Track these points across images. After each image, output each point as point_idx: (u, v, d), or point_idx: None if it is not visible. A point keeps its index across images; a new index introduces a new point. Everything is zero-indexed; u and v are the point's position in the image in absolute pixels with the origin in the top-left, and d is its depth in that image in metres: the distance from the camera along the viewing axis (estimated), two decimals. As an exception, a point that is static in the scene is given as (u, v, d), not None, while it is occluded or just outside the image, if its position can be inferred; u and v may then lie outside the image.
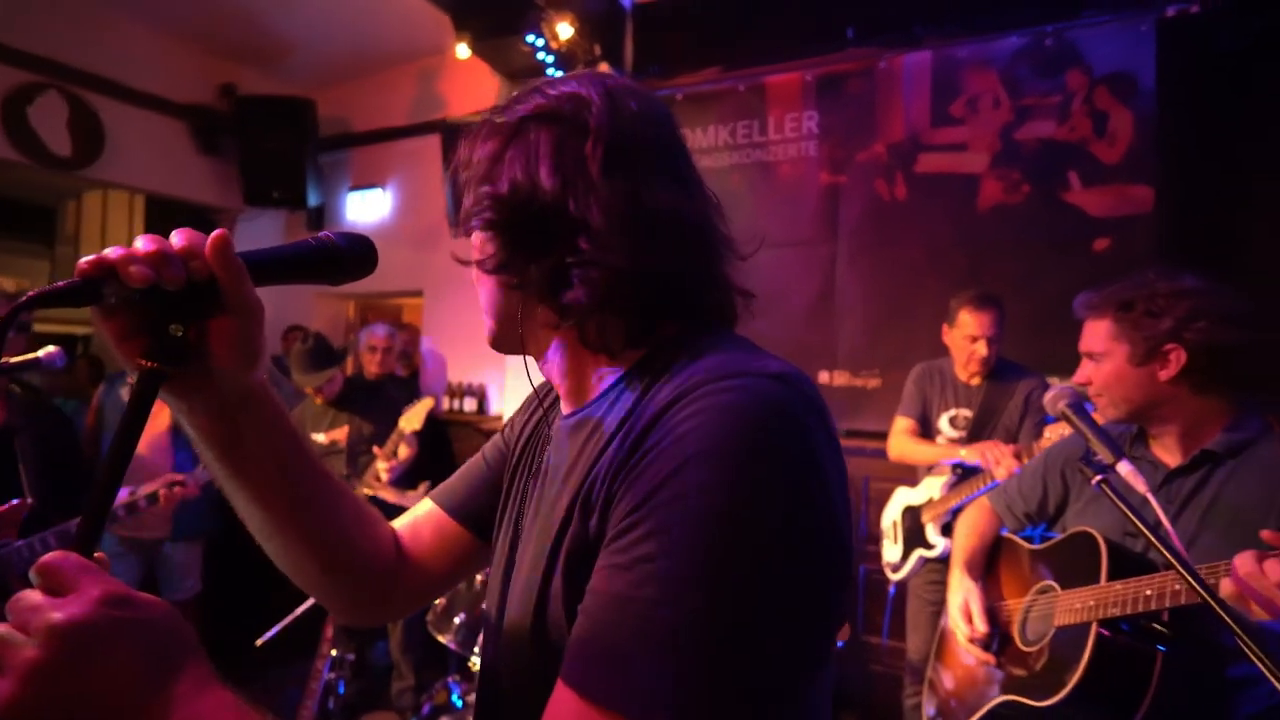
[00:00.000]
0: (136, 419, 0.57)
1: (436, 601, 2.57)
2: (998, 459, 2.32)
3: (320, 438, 3.27)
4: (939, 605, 2.70)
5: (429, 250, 4.65)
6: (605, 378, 0.68)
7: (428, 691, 3.14)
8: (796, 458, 0.52)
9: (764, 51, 3.83)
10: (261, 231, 5.17)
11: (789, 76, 3.85)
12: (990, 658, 1.42)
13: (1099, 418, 1.30)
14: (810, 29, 3.74)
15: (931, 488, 2.74)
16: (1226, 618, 0.79)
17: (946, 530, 2.65)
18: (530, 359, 0.75)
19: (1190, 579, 0.87)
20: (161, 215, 5.45)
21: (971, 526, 1.65)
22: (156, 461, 3.01)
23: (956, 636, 1.50)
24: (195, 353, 0.62)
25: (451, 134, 4.16)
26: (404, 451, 3.07)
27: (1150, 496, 1.02)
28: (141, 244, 0.56)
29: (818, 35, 3.72)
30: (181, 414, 0.68)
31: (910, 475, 2.92)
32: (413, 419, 3.08)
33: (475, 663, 2.37)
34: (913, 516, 2.79)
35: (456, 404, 4.66)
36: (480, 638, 2.35)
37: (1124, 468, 1.06)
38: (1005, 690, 1.34)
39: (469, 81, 4.53)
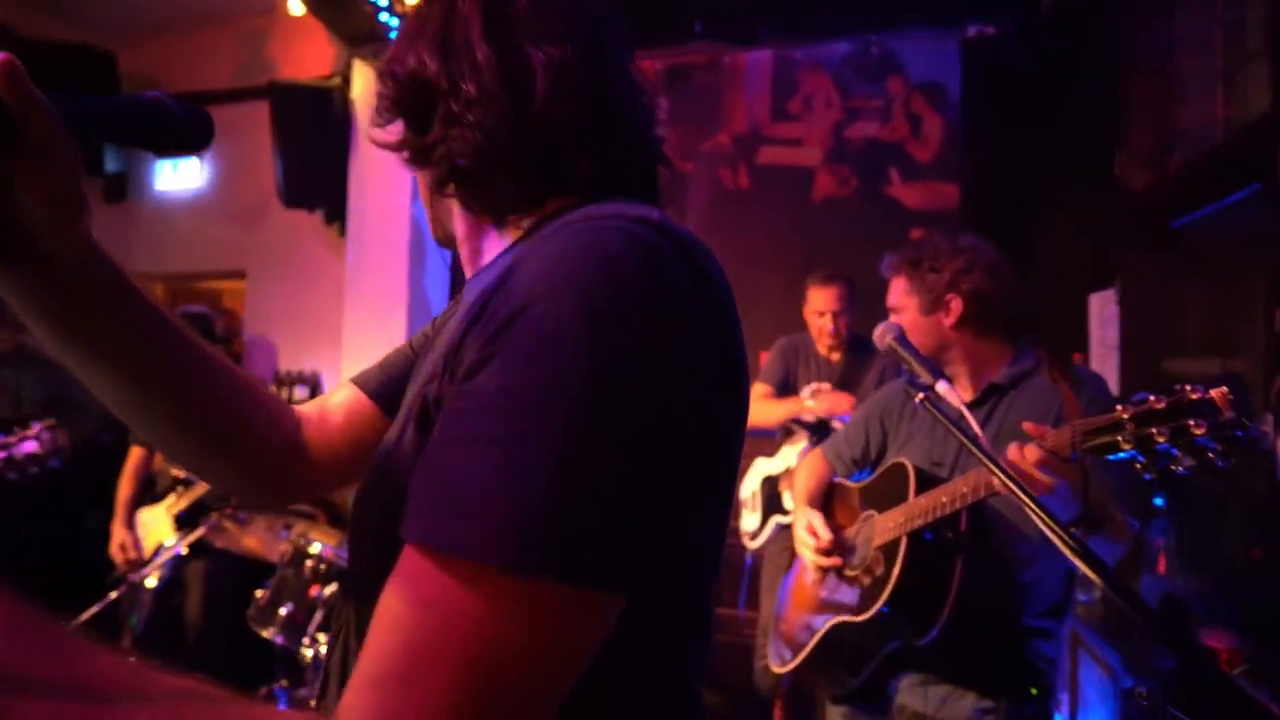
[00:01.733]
0: None
1: (258, 593, 2.34)
2: (836, 406, 2.48)
3: None
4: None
5: (254, 227, 4.26)
6: (493, 247, 0.66)
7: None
8: (654, 303, 0.47)
9: (615, 38, 3.88)
10: (46, 199, 4.50)
11: (640, 64, 3.92)
12: (838, 560, 1.51)
13: None
14: (660, 20, 3.83)
15: (788, 456, 2.85)
16: (1021, 495, 0.89)
17: None
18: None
19: (997, 471, 0.96)
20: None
21: (808, 472, 1.75)
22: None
23: (803, 557, 1.57)
24: None
25: (282, 100, 3.84)
26: None
27: (964, 409, 1.13)
28: None
29: (667, 26, 3.82)
30: (6, 293, 0.59)
31: (768, 446, 3.05)
32: None
33: (308, 653, 2.18)
34: (771, 485, 2.89)
35: (286, 394, 4.30)
36: (314, 619, 2.16)
37: (941, 386, 1.17)
38: (835, 615, 1.43)
39: (302, 44, 4.21)
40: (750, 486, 2.99)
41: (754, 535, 2.93)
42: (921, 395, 1.18)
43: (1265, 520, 1.63)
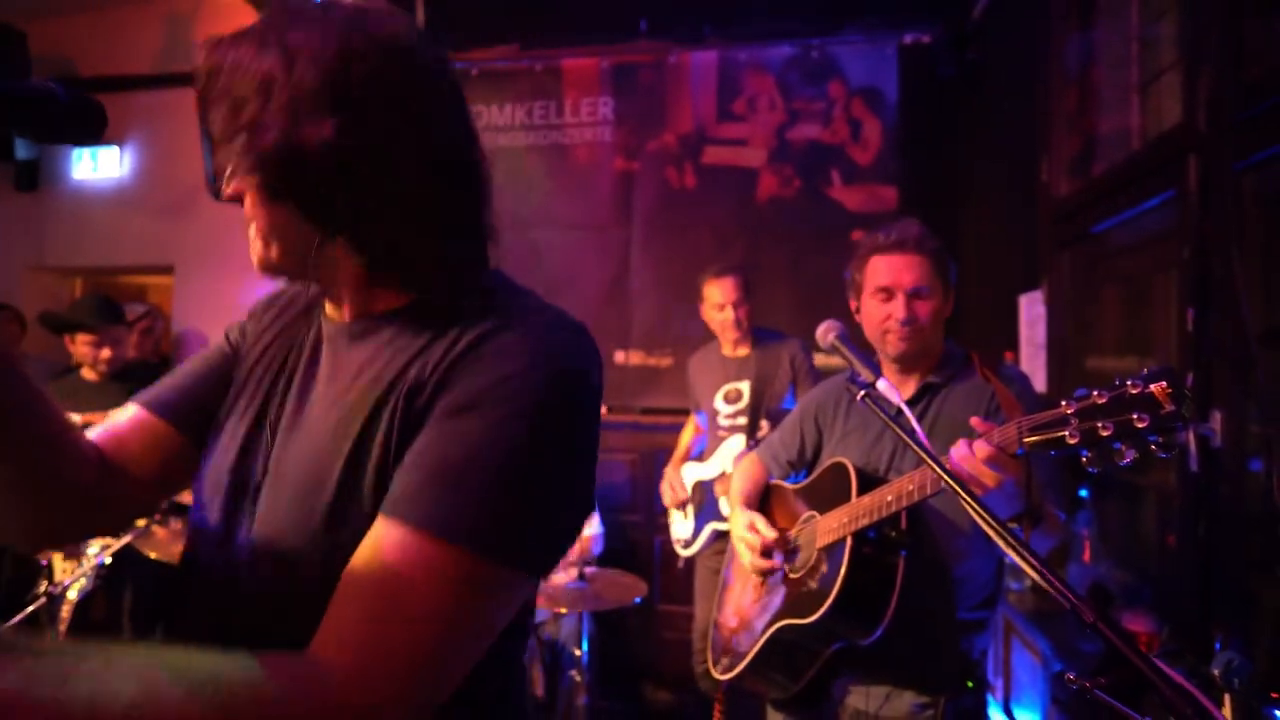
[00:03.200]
0: None
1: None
2: None
3: (78, 418, 2.69)
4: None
5: (181, 219, 4.08)
6: (391, 301, 0.76)
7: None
8: (591, 386, 0.70)
9: (561, 33, 3.85)
10: (-52, 187, 4.21)
11: (586, 61, 3.91)
12: (777, 563, 1.51)
13: (890, 353, 1.49)
14: (606, 16, 3.82)
15: (724, 460, 2.84)
16: (960, 491, 0.92)
17: None
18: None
19: (937, 468, 0.99)
20: None
21: (745, 475, 1.76)
22: None
23: (743, 560, 1.58)
24: None
25: (210, 86, 3.67)
26: None
27: (904, 406, 1.16)
28: None
29: (613, 23, 3.82)
30: None
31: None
32: None
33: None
34: (703, 490, 2.89)
35: (217, 394, 4.12)
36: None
37: (882, 384, 1.19)
38: (778, 618, 1.44)
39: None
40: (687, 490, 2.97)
41: (687, 543, 2.91)
42: (863, 393, 1.20)
43: (1179, 511, 1.73)
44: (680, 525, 2.96)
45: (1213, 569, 1.59)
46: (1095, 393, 0.96)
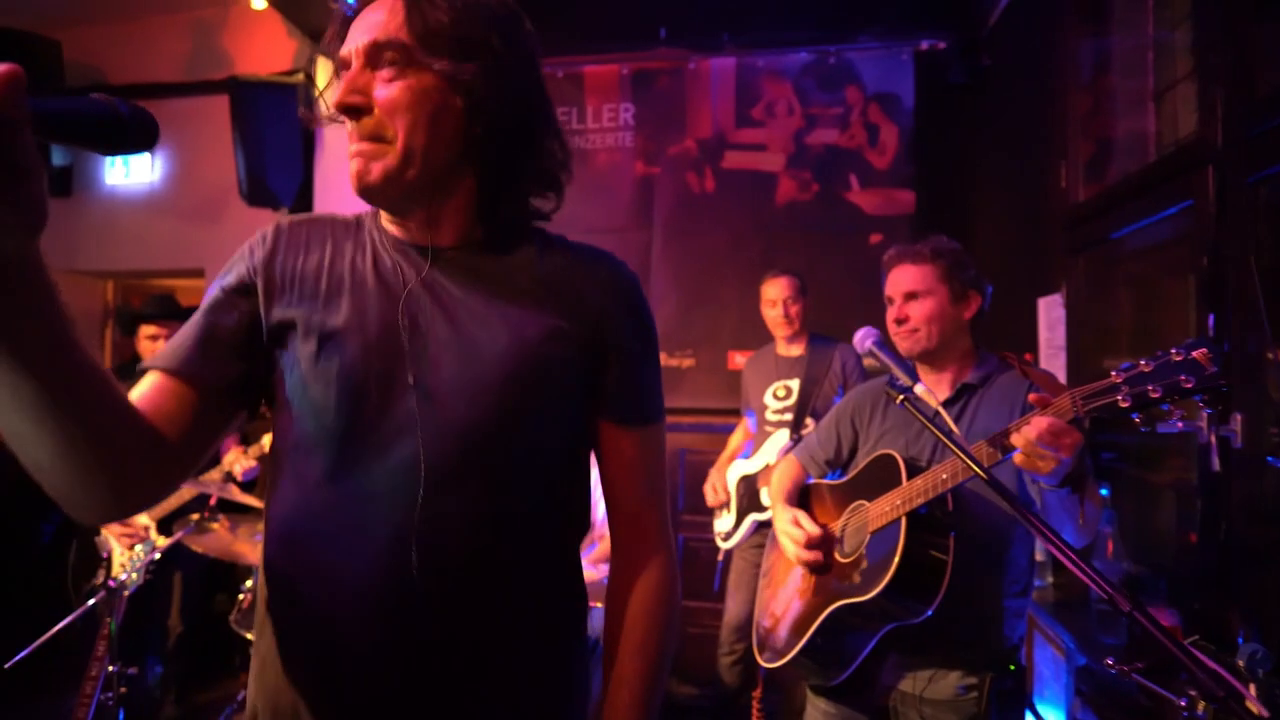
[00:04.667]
0: None
1: (241, 596, 2.33)
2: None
3: None
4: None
5: (212, 223, 4.17)
6: (474, 230, 0.89)
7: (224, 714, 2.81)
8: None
9: (582, 40, 3.92)
10: (-17, 193, 4.31)
11: (606, 68, 3.98)
12: (819, 555, 1.59)
13: (903, 354, 1.58)
14: (626, 24, 3.89)
15: (768, 454, 2.92)
16: (999, 485, 1.01)
17: None
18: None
19: (972, 463, 1.07)
20: None
21: (784, 475, 1.84)
22: None
23: (788, 552, 1.66)
24: None
25: (243, 95, 3.76)
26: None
27: (941, 409, 1.24)
28: None
29: (633, 31, 3.89)
30: None
31: (722, 447, 3.16)
32: None
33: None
34: (747, 484, 2.96)
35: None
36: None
37: (920, 388, 1.27)
38: (832, 600, 1.51)
39: (258, 37, 4.13)
40: (728, 488, 3.04)
41: (727, 536, 2.99)
42: (902, 396, 1.28)
43: (1201, 509, 1.80)
44: (722, 519, 3.05)
45: (1233, 564, 1.66)
46: (1142, 362, 1.06)
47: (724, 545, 3.02)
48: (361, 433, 0.80)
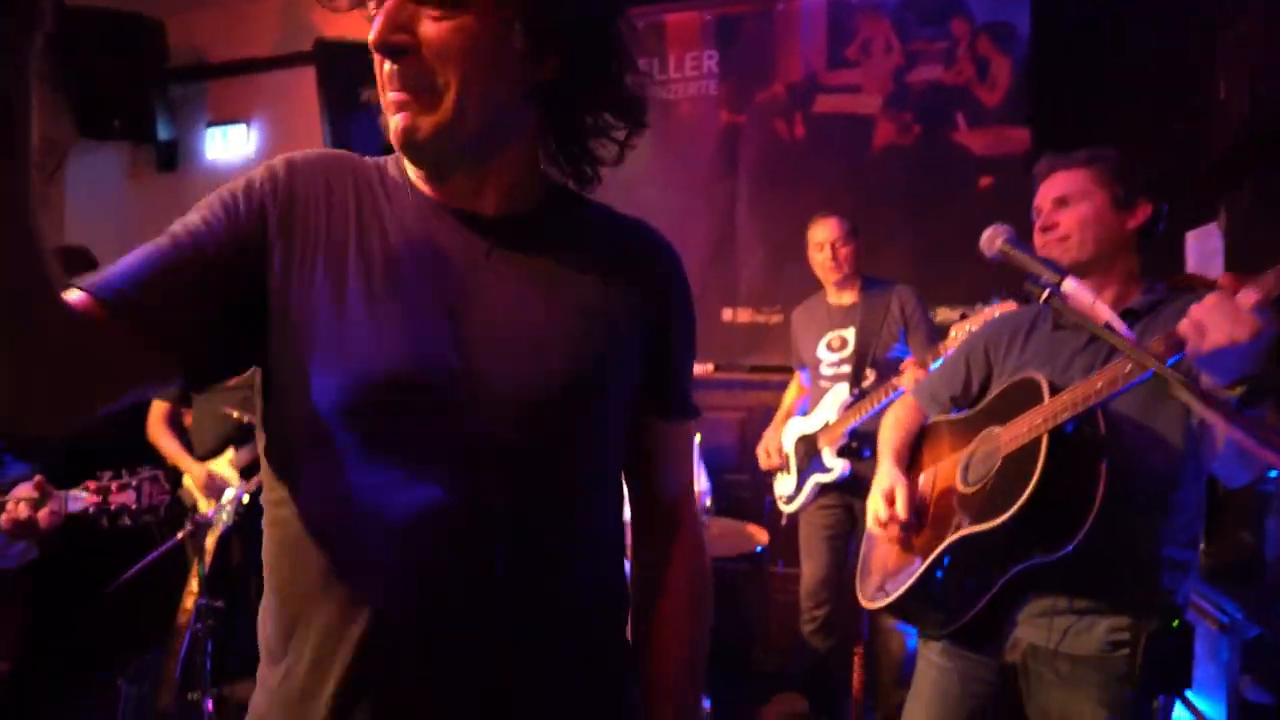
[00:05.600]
0: None
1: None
2: (903, 370, 2.36)
3: None
4: (834, 530, 2.72)
5: (302, 191, 4.25)
6: (534, 192, 0.80)
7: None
8: None
9: (663, -12, 3.76)
10: (100, 169, 4.57)
11: (687, 15, 3.79)
12: (898, 533, 1.43)
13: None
14: (709, -34, 3.69)
15: (827, 410, 2.74)
16: (1175, 375, 0.80)
17: (844, 453, 2.66)
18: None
19: (1157, 362, 0.86)
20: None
21: (896, 422, 1.64)
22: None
23: (875, 510, 1.47)
24: None
25: (328, 58, 3.80)
26: None
27: (1097, 301, 1.02)
28: None
29: (716, -27, 3.68)
30: None
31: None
32: None
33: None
34: (807, 444, 2.79)
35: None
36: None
37: (1069, 284, 1.06)
38: (955, 530, 1.31)
39: (346, 14, 4.17)
40: (784, 448, 2.87)
41: (790, 499, 2.82)
42: (1046, 292, 1.07)
43: None
44: (783, 482, 2.88)
45: None
46: None
47: (786, 509, 2.86)
48: (402, 419, 0.69)
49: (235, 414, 2.57)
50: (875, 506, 1.48)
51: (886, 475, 1.51)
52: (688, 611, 0.85)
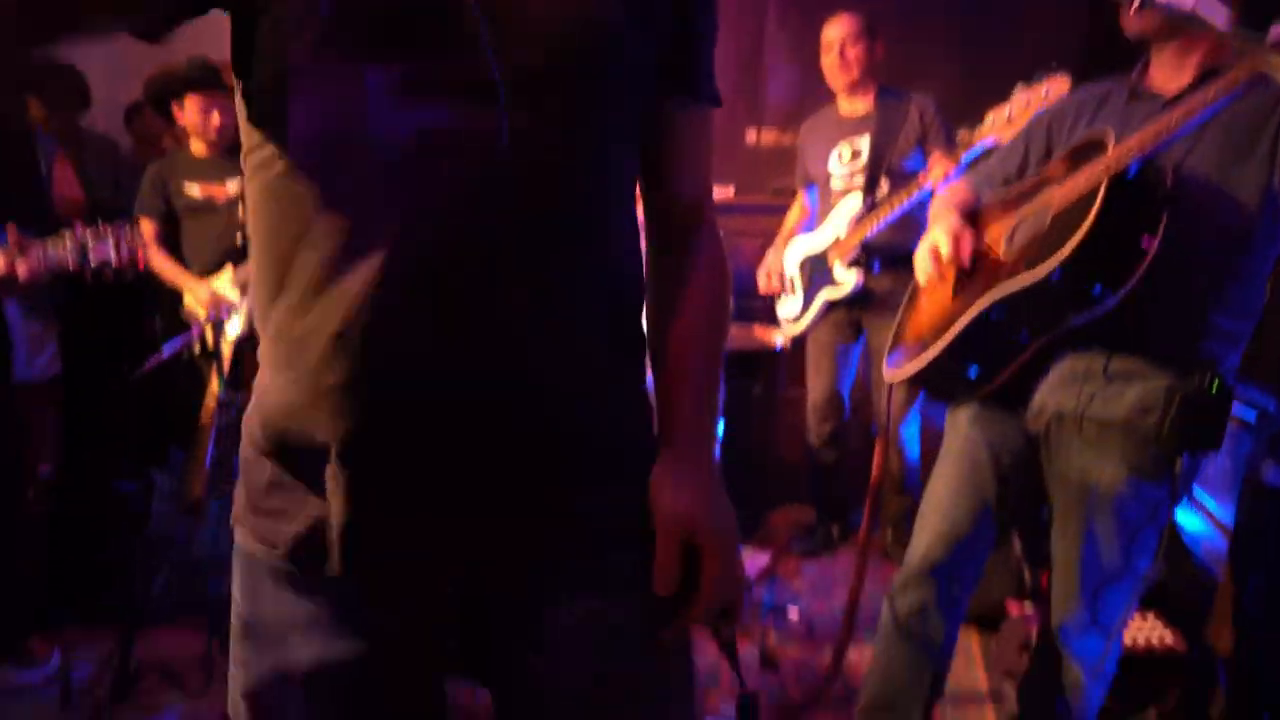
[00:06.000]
0: None
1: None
2: (931, 167, 2.27)
3: (194, 190, 2.65)
4: (843, 341, 2.71)
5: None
6: None
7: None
8: None
9: None
10: None
11: None
12: (952, 277, 1.37)
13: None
14: None
15: (837, 224, 2.62)
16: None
17: (855, 264, 2.57)
18: None
19: (1250, 42, 0.76)
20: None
21: (946, 200, 1.54)
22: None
23: (917, 270, 1.42)
24: None
25: None
26: None
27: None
28: None
29: None
30: None
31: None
32: None
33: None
34: (814, 264, 2.70)
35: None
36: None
37: None
38: (995, 282, 1.26)
39: None
40: (788, 271, 2.78)
41: (796, 318, 2.76)
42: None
43: None
44: (787, 304, 2.81)
45: None
46: None
47: (792, 331, 2.81)
48: (421, 58, 0.62)
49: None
50: (938, 242, 1.41)
51: (947, 222, 1.43)
52: (707, 320, 0.80)
